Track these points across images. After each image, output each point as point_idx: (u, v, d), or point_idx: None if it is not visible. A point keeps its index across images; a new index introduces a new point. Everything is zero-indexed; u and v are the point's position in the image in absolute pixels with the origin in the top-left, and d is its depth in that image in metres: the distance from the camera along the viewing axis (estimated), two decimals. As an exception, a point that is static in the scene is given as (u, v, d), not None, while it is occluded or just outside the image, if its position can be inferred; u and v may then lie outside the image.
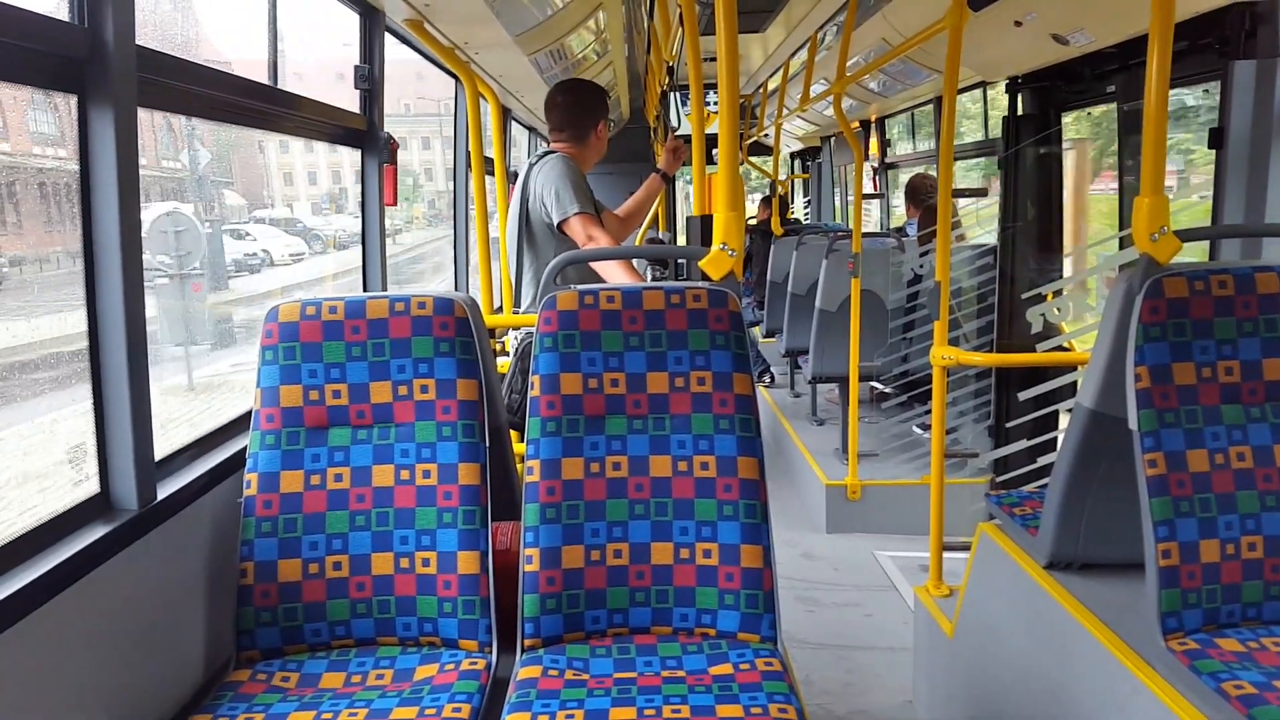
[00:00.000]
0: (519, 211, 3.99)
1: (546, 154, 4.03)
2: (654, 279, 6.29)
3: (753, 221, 11.37)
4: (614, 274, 3.65)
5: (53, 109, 2.42)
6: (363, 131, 3.86)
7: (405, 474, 2.50)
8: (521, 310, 4.06)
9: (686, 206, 14.63)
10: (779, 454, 7.43)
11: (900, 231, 7.65)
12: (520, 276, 4.10)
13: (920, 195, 7.59)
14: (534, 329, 3.87)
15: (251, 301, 6.56)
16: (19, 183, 2.81)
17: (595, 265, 3.77)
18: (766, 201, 11.13)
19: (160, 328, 4.75)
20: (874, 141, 9.68)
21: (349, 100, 3.88)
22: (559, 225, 3.83)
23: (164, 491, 2.33)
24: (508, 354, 3.97)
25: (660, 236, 11.03)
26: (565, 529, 2.45)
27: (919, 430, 6.40)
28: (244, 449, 2.57)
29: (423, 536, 2.46)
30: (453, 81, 6.03)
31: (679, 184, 14.51)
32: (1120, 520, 2.74)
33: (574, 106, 4.13)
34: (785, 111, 9.42)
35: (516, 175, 4.32)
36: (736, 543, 2.45)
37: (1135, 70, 4.43)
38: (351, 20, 3.90)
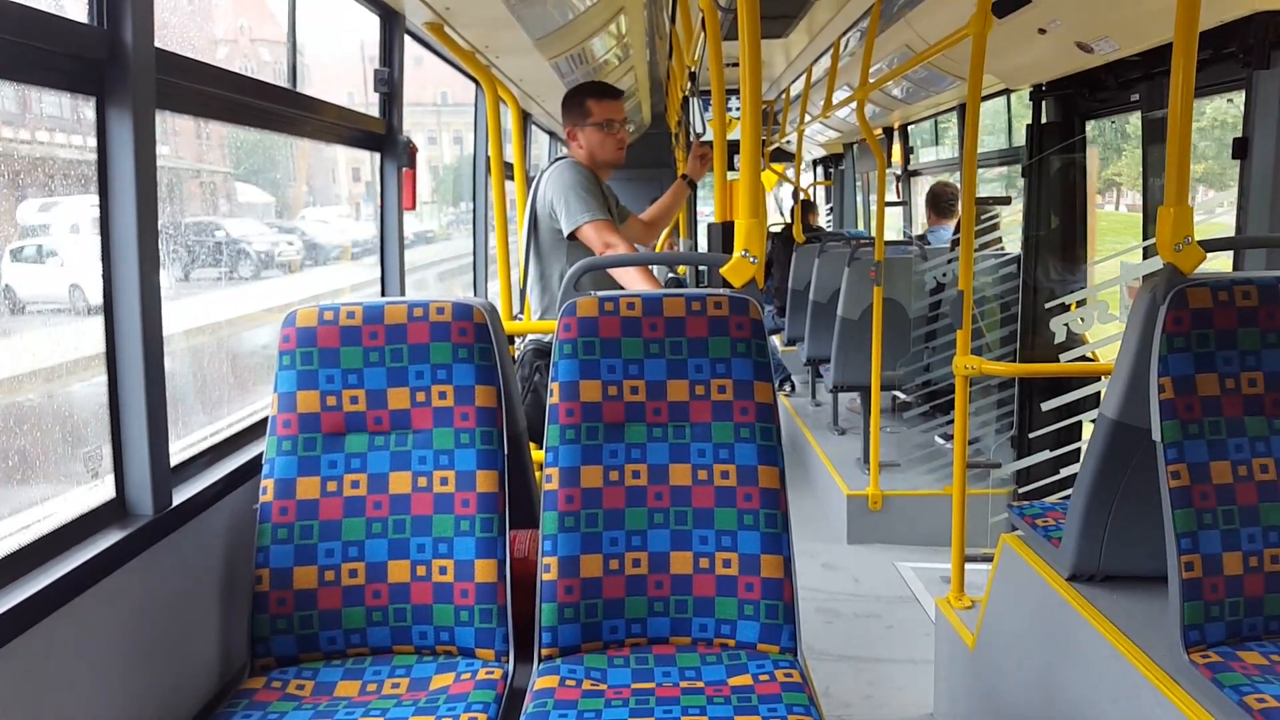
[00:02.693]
0: (529, 218, 3.97)
1: (557, 160, 4.01)
2: (668, 283, 6.24)
3: (777, 228, 11.31)
4: (630, 279, 3.62)
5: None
6: (382, 135, 3.86)
7: (423, 481, 2.48)
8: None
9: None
10: (800, 463, 7.40)
11: (923, 239, 7.61)
12: (526, 283, 4.07)
13: (942, 202, 7.55)
14: (535, 338, 3.88)
15: None
16: None
17: (611, 270, 3.73)
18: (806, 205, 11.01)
19: None
20: (897, 148, 9.64)
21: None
22: (572, 234, 3.78)
23: (179, 497, 2.32)
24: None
25: (680, 243, 11.01)
26: (584, 537, 2.43)
27: (941, 440, 6.36)
28: (260, 455, 2.56)
29: (440, 544, 2.45)
30: (473, 86, 6.02)
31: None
32: (1143, 532, 2.71)
33: (561, 112, 4.12)
34: (808, 118, 9.39)
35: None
36: (756, 553, 2.43)
37: (1159, 79, 4.41)
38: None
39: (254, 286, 4.55)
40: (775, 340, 10.12)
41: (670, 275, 9.58)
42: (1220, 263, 3.77)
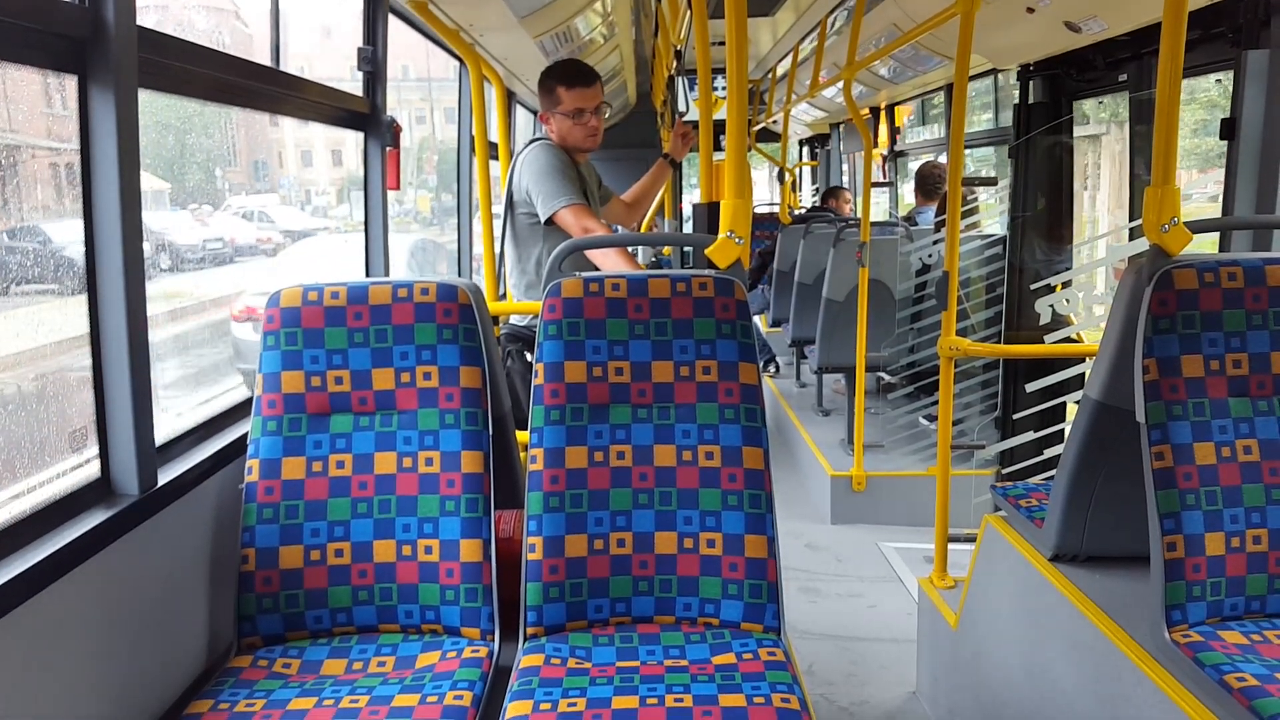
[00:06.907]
0: (506, 202, 3.95)
1: (533, 141, 3.98)
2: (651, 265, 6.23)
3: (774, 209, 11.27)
4: (610, 261, 3.60)
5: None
6: (366, 114, 3.83)
7: (408, 461, 2.48)
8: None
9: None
10: (784, 444, 7.41)
11: (909, 220, 7.61)
12: (503, 265, 4.05)
13: (930, 184, 7.55)
14: (512, 322, 3.87)
15: None
16: None
17: (590, 253, 3.72)
18: (832, 191, 10.81)
19: None
20: (884, 129, 9.63)
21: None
22: (549, 219, 3.76)
23: (165, 477, 2.31)
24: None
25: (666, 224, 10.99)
26: (568, 517, 2.44)
27: (925, 421, 6.38)
28: (245, 435, 2.56)
29: (425, 524, 2.45)
30: (440, 60, 5.96)
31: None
32: (1126, 513, 2.72)
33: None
34: (794, 97, 9.37)
35: None
36: (740, 533, 2.44)
37: (1148, 59, 4.40)
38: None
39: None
40: (759, 321, 10.11)
41: (653, 257, 9.57)
42: (1206, 244, 3.78)
